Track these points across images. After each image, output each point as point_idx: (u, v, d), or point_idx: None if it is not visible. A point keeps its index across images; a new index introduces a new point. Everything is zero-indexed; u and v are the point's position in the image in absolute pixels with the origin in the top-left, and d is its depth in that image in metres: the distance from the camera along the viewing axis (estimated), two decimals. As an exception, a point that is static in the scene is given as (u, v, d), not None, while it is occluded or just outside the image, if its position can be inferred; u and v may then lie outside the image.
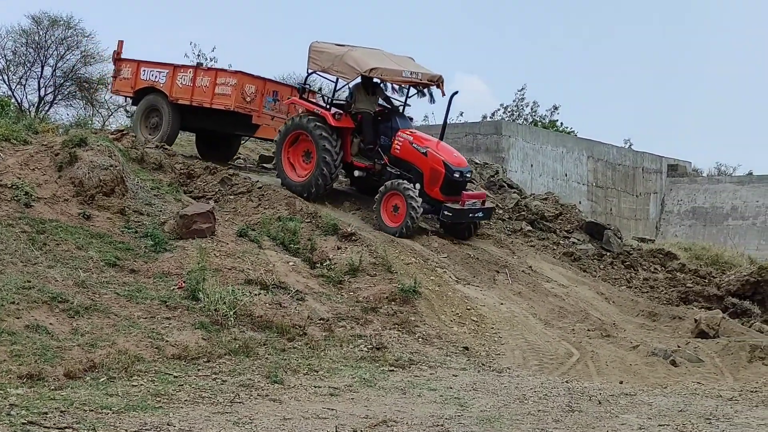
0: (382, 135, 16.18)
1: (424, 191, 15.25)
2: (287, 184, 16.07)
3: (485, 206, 15.97)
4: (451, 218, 15.21)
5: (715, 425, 7.81)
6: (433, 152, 15.42)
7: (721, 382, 10.32)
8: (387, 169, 15.85)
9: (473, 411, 8.19)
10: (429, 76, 16.48)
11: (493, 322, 12.27)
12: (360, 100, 16.47)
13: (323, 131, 15.65)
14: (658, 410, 8.46)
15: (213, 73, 18.16)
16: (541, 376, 10.33)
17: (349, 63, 15.87)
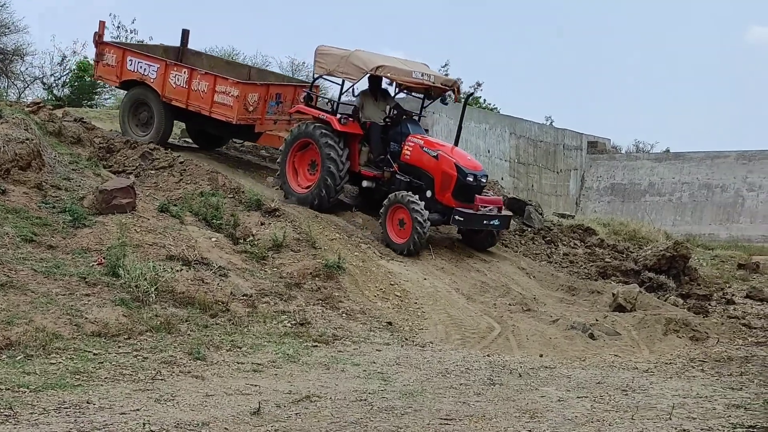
0: (392, 141, 15.27)
1: (435, 198, 14.40)
2: (289, 196, 15.19)
3: (502, 213, 14.81)
4: (462, 224, 14.36)
5: (631, 396, 8.00)
6: (444, 155, 14.54)
7: (638, 354, 10.57)
8: (397, 177, 14.87)
9: (396, 385, 8.25)
10: (443, 80, 15.77)
11: (417, 297, 12.35)
12: (367, 108, 15.62)
13: (329, 139, 14.78)
14: (576, 383, 8.64)
15: (212, 79, 16.46)
16: (464, 350, 10.46)
17: (355, 63, 15.10)
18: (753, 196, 29.18)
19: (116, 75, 17.33)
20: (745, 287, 15.25)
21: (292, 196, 15.16)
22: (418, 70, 15.33)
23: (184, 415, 6.82)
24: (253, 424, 6.73)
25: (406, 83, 15.31)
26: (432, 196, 14.39)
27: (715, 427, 6.76)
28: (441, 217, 14.36)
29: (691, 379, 8.97)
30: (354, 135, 15.13)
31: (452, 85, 15.80)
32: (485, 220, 14.42)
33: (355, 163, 15.15)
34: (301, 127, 15.43)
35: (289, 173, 15.37)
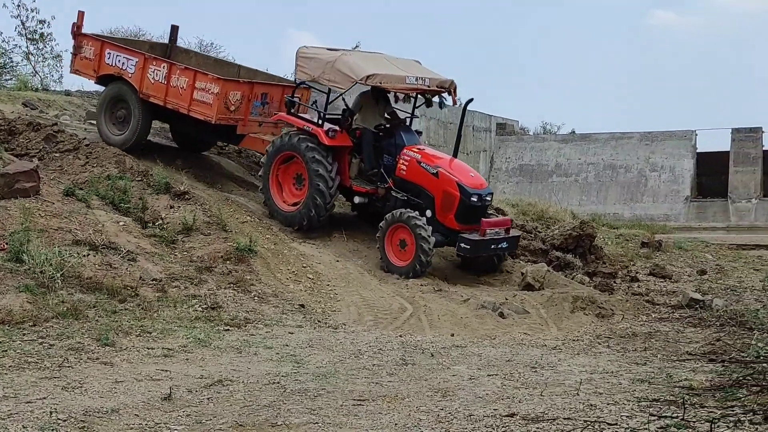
0: (385, 153, 13.90)
1: (435, 219, 13.08)
2: (274, 214, 14.10)
3: (510, 235, 13.48)
4: (469, 251, 12.98)
5: (540, 373, 8.16)
6: (445, 172, 13.18)
7: (546, 332, 10.78)
8: (392, 193, 13.57)
9: (309, 368, 8.25)
10: (438, 81, 14.19)
11: (329, 279, 12.35)
12: (366, 112, 14.30)
13: (316, 153, 13.53)
14: (487, 361, 8.77)
15: (191, 75, 15.05)
16: (376, 331, 10.51)
17: (342, 70, 13.65)
18: (655, 176, 30.01)
19: (94, 69, 16.04)
20: (648, 265, 15.65)
21: (278, 214, 14.05)
22: (411, 74, 13.98)
23: (92, 403, 6.70)
24: (164, 409, 6.65)
25: (401, 90, 14.02)
26: (432, 216, 13.11)
27: (621, 401, 6.94)
28: (444, 238, 13.13)
29: (598, 355, 9.20)
30: (343, 148, 13.87)
31: (449, 86, 14.29)
32: (493, 245, 13.08)
33: (345, 177, 13.87)
34: (284, 138, 14.13)
35: (273, 188, 14.15)
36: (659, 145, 30.59)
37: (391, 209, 13.29)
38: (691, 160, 30.15)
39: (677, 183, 29.81)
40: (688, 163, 30.08)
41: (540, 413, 6.52)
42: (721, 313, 11.52)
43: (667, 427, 6.09)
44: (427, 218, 12.99)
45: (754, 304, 12.09)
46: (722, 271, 15.31)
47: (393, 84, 13.73)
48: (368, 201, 13.99)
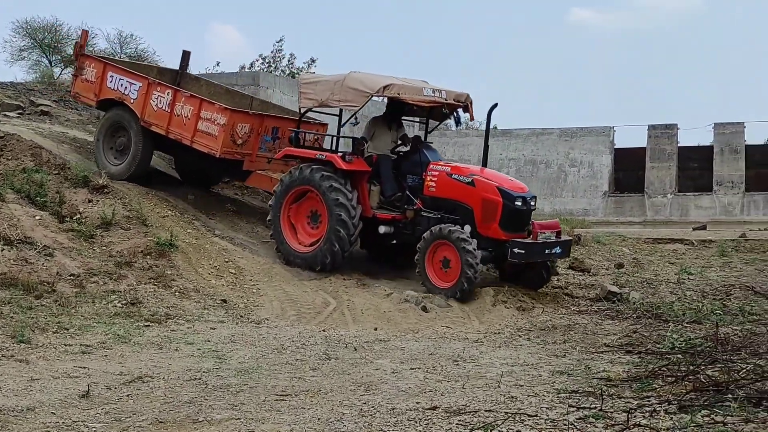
0: (408, 174, 12.96)
1: (477, 232, 12.01)
2: (291, 258, 12.91)
3: (561, 239, 12.64)
4: (524, 257, 11.88)
5: (462, 366, 8.23)
6: (481, 179, 12.27)
7: (468, 325, 10.88)
8: (422, 214, 12.53)
9: (231, 363, 8.18)
10: (455, 95, 13.31)
11: (252, 274, 12.26)
12: (379, 138, 13.44)
13: (333, 182, 12.50)
14: (410, 354, 8.81)
15: (197, 103, 13.98)
16: (299, 325, 10.47)
17: (354, 86, 12.71)
18: (575, 171, 30.53)
19: (94, 93, 15.04)
20: (567, 259, 15.89)
21: (295, 258, 12.89)
22: (427, 87, 13.10)
23: (7, 401, 6.52)
24: (81, 407, 6.51)
25: (419, 102, 12.89)
26: (473, 229, 12.01)
27: (541, 393, 7.04)
28: (489, 253, 12.10)
29: (519, 348, 9.31)
30: (361, 173, 12.85)
31: (465, 100, 13.39)
32: (546, 249, 12.17)
33: (366, 207, 12.78)
34: (294, 173, 12.99)
35: (286, 231, 13.08)
36: (578, 141, 31.13)
37: (422, 232, 12.25)
38: (609, 155, 30.76)
39: (596, 178, 30.38)
40: (606, 159, 30.68)
41: (462, 406, 6.58)
42: (637, 305, 11.77)
43: (586, 418, 6.20)
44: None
45: (669, 297, 12.38)
46: (639, 264, 15.64)
47: (411, 96, 12.74)
48: (394, 230, 12.85)
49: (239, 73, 27.43)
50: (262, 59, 38.42)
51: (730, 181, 29.28)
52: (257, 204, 16.18)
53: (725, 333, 9.39)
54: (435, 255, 12.05)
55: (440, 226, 12.03)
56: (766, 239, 18.70)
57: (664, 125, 30.71)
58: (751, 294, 12.42)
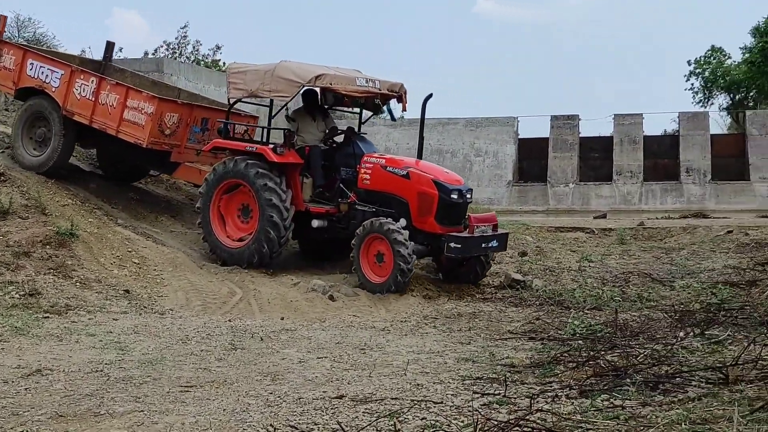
0: (342, 167, 12.73)
1: (413, 226, 11.84)
2: (217, 251, 12.65)
3: (498, 232, 12.37)
4: (461, 251, 11.64)
5: (369, 354, 8.25)
6: (417, 172, 12.04)
7: (375, 314, 10.91)
8: (356, 208, 12.36)
9: (135, 355, 8.03)
10: (389, 85, 13.07)
11: (156, 263, 12.06)
12: (305, 130, 13.13)
13: (268, 180, 12.20)
14: (317, 343, 8.79)
15: (123, 91, 13.49)
16: (205, 316, 10.35)
17: (285, 76, 12.37)
18: (480, 161, 30.95)
19: (13, 81, 14.38)
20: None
21: (222, 251, 12.61)
22: (360, 77, 12.82)
23: None
24: (-23, 402, 6.30)
25: (351, 93, 12.57)
26: (408, 223, 11.83)
27: (446, 380, 7.11)
28: (425, 247, 12.00)
29: (425, 336, 9.38)
30: (294, 166, 12.59)
31: (399, 90, 13.18)
32: (483, 243, 11.90)
33: (299, 201, 12.54)
34: (227, 164, 12.65)
35: (215, 222, 12.73)
36: (483, 131, 31.53)
37: (357, 227, 12.04)
38: (513, 145, 31.27)
39: (500, 168, 30.85)
40: (510, 149, 31.17)
41: (368, 394, 6.60)
42: (540, 293, 11.99)
43: (490, 404, 6.28)
44: (402, 228, 11.74)
45: (571, 284, 12.64)
46: (542, 252, 15.92)
47: (343, 86, 12.45)
48: (328, 224, 12.64)
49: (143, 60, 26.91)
50: (166, 46, 37.81)
51: (629, 171, 30.10)
52: (161, 192, 15.93)
53: (624, 319, 9.65)
54: (369, 249, 11.84)
55: (374, 219, 11.82)
56: (663, 227, 19.28)
57: (566, 116, 31.38)
58: (648, 281, 12.78)
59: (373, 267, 11.83)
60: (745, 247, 16.13)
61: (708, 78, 43.41)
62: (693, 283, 12.12)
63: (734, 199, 28.78)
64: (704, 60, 44.14)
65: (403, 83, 13.25)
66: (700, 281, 12.38)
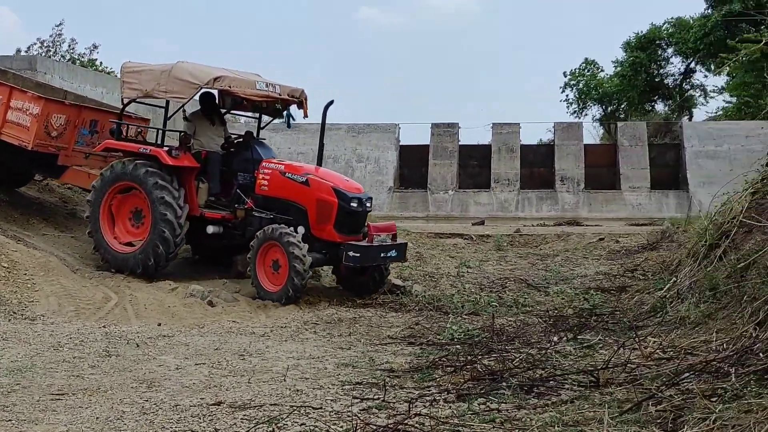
0: (239, 172, 12.50)
1: (311, 234, 11.62)
2: (106, 256, 12.19)
3: (397, 242, 12.17)
4: (359, 260, 11.45)
5: (248, 360, 8.18)
6: (316, 179, 11.84)
7: (255, 320, 10.81)
8: (254, 214, 12.10)
9: (3, 362, 7.73)
10: (289, 90, 12.86)
11: (27, 268, 11.63)
12: (202, 134, 12.77)
13: (159, 179, 11.82)
14: (195, 350, 8.66)
15: (6, 91, 12.90)
16: (78, 322, 10.05)
17: (183, 77, 11.99)
18: (362, 166, 31.08)
19: None
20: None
21: (114, 258, 12.17)
22: (260, 80, 12.56)
23: None
24: None
25: (251, 97, 12.32)
26: (307, 231, 11.62)
27: (326, 385, 7.11)
28: (323, 255, 11.72)
29: (305, 341, 9.36)
30: (189, 170, 12.25)
31: (300, 96, 13.00)
32: (382, 253, 11.70)
33: (194, 206, 12.23)
34: (117, 167, 12.22)
35: (105, 227, 12.30)
36: (365, 137, 31.69)
37: (254, 233, 11.79)
38: (395, 152, 31.52)
39: (382, 174, 31.05)
40: (392, 155, 31.41)
41: (247, 400, 6.54)
42: (420, 298, 12.12)
43: (369, 409, 6.32)
44: (300, 235, 11.49)
45: (450, 290, 12.83)
46: (421, 258, 16.10)
47: (243, 89, 12.17)
48: (223, 231, 12.35)
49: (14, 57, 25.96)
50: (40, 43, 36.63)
51: (507, 179, 30.75)
52: (33, 194, 15.40)
53: (501, 324, 9.85)
54: (266, 257, 11.58)
55: (272, 226, 11.58)
56: (539, 234, 19.81)
57: (446, 124, 31.83)
58: (524, 286, 13.09)
59: (269, 275, 11.56)
60: (616, 254, 16.72)
61: (582, 90, 44.75)
62: (566, 289, 12.47)
63: (606, 208, 29.76)
64: (578, 72, 45.51)
65: (303, 89, 13.09)
66: (573, 287, 12.75)
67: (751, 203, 9.88)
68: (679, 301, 9.63)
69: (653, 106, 43.86)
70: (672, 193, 30.04)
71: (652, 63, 41.29)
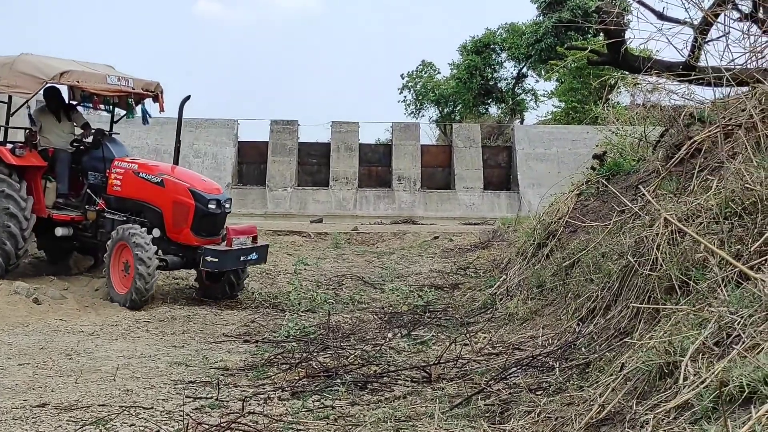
0: (90, 171, 11.88)
1: (167, 237, 11.14)
2: None
3: (258, 244, 11.66)
4: (217, 265, 10.94)
5: (76, 360, 7.91)
6: (171, 179, 11.28)
7: (84, 318, 10.46)
8: (106, 216, 11.52)
9: None
10: (143, 84, 12.24)
11: None
12: (48, 131, 12.08)
13: (4, 183, 11.21)
14: (18, 349, 8.30)
15: None
16: None
17: (28, 71, 11.24)
18: (199, 162, 30.59)
19: None
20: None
21: None
22: (112, 74, 11.90)
23: None
24: None
25: (101, 92, 11.83)
26: (162, 235, 11.15)
27: (158, 384, 6.97)
28: (180, 259, 11.22)
29: (137, 340, 9.14)
30: (35, 168, 11.61)
31: (155, 89, 12.43)
32: (242, 256, 11.19)
33: (41, 207, 11.61)
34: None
35: None
36: (203, 132, 31.23)
37: (106, 235, 11.28)
38: (233, 148, 31.23)
39: (220, 170, 30.67)
40: (230, 151, 31.10)
41: (74, 401, 6.33)
42: (256, 295, 12.05)
43: (202, 408, 6.24)
44: (155, 238, 11.01)
45: (287, 287, 12.81)
46: (259, 255, 15.98)
47: (92, 84, 11.58)
48: (73, 232, 11.81)
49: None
50: None
51: (345, 177, 31.01)
52: None
53: (337, 321, 9.92)
54: (119, 259, 11.06)
55: (123, 227, 11.08)
56: (376, 233, 20.05)
57: (285, 121, 31.79)
58: (360, 284, 13.23)
59: (121, 278, 11.07)
60: (450, 252, 17.14)
61: (419, 91, 45.60)
62: (402, 286, 12.68)
63: (441, 207, 30.48)
64: (416, 74, 46.35)
65: (159, 82, 12.57)
66: (408, 284, 12.98)
67: (576, 204, 10.35)
68: (508, 298, 9.98)
69: (487, 109, 45.16)
70: (503, 193, 31.07)
71: (487, 67, 42.52)
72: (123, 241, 10.95)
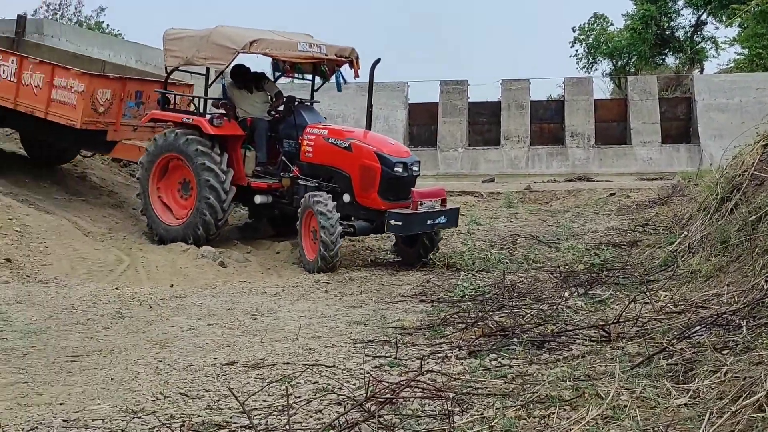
0: (285, 139, 12.11)
1: (356, 202, 11.24)
2: (162, 233, 11.97)
3: (447, 208, 11.43)
4: (401, 229, 10.89)
5: (260, 320, 8.22)
6: (359, 144, 11.29)
7: (267, 280, 10.85)
8: (299, 182, 11.68)
9: (18, 325, 7.79)
10: (337, 50, 12.26)
11: (39, 231, 11.68)
12: (242, 103, 12.44)
13: (200, 145, 11.60)
14: (207, 310, 8.71)
15: (49, 70, 12.55)
16: (91, 284, 10.09)
17: (220, 42, 11.60)
18: (371, 125, 30.92)
19: None
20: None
21: (165, 232, 11.96)
22: (303, 41, 12.00)
23: None
24: None
25: (292, 59, 11.97)
26: (351, 200, 11.25)
27: (338, 344, 7.15)
28: (369, 224, 11.25)
29: (317, 301, 9.40)
30: (234, 138, 12.02)
31: (350, 55, 12.41)
32: (429, 220, 10.99)
33: (241, 175, 11.96)
34: (159, 140, 12.01)
35: (155, 204, 12.11)
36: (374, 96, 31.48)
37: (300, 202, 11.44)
38: (404, 110, 31.36)
39: (392, 132, 30.86)
40: (401, 114, 31.26)
41: (260, 360, 6.59)
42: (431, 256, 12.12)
43: (381, 366, 6.36)
44: (345, 203, 11.18)
45: (461, 247, 12.82)
46: (432, 216, 16.05)
47: (283, 51, 11.71)
48: (272, 200, 12.10)
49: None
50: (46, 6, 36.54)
51: (516, 136, 30.61)
52: (43, 158, 15.40)
53: (511, 280, 9.86)
54: (308, 226, 11.20)
55: (310, 194, 11.17)
56: (549, 191, 19.76)
57: (455, 81, 31.61)
58: (535, 243, 13.08)
59: (310, 244, 11.20)
60: (627, 209, 16.69)
61: (591, 44, 44.37)
62: (577, 245, 12.46)
63: (616, 163, 29.62)
64: (588, 27, 45.09)
65: (354, 48, 12.51)
66: (584, 243, 12.74)
67: (762, 155, 9.82)
68: (690, 255, 9.62)
69: (664, 60, 43.43)
70: (683, 147, 29.85)
71: (663, 16, 40.80)
72: (309, 208, 11.09)
